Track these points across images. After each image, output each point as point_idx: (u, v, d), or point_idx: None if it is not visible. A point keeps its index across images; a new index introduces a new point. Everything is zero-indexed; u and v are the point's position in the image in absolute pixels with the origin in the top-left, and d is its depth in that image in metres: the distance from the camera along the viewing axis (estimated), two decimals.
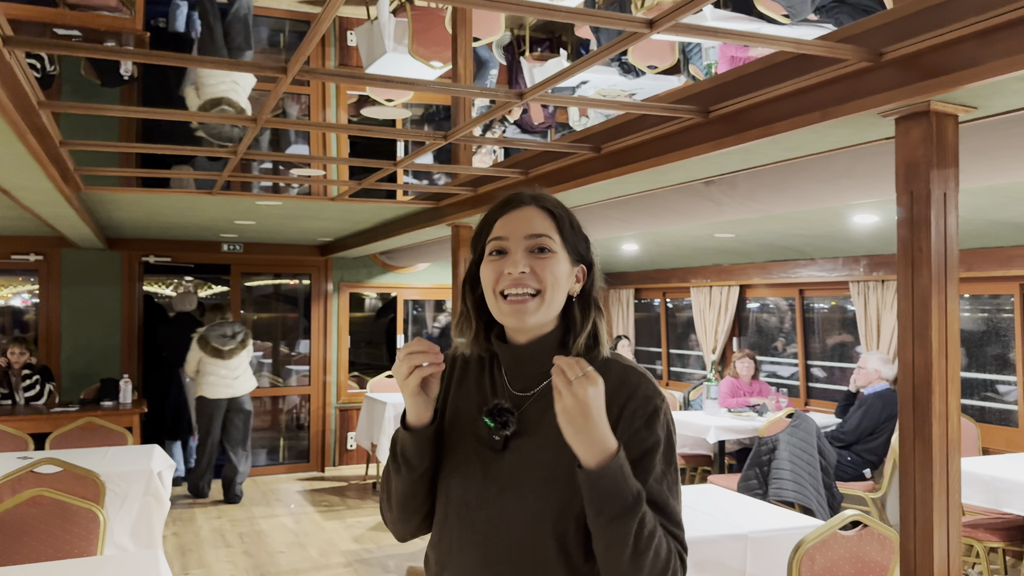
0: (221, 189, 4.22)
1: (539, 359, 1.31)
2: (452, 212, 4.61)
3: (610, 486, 1.16)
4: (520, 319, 1.29)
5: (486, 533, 1.28)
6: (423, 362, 1.25)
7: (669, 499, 1.26)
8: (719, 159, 2.63)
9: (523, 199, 1.36)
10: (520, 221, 1.32)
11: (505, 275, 1.29)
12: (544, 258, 1.30)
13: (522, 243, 1.30)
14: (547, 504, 1.25)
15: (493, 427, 1.30)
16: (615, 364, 1.33)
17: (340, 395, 8.26)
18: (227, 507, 6.59)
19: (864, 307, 6.15)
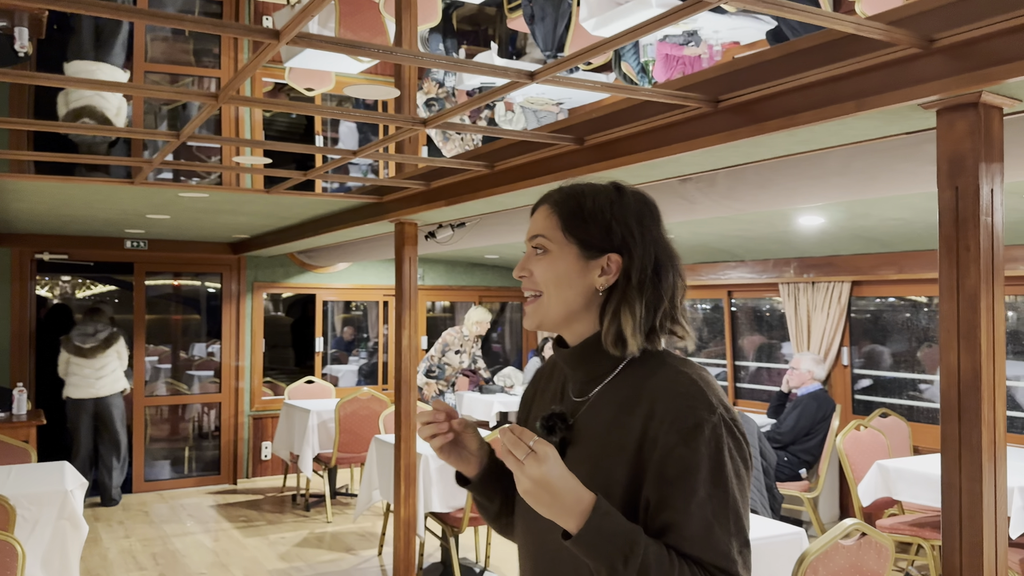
0: (145, 179, 3.82)
1: (587, 363, 1.27)
2: (398, 208, 4.35)
3: (591, 548, 1.08)
4: (529, 322, 1.30)
5: (535, 542, 1.29)
6: (432, 432, 1.29)
7: (714, 528, 1.11)
8: (723, 152, 2.50)
9: (542, 199, 1.33)
10: (530, 224, 1.32)
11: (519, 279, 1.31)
12: (539, 259, 1.28)
13: (528, 246, 1.31)
14: None
15: (545, 434, 1.27)
16: (669, 366, 1.22)
17: (254, 402, 7.80)
18: (136, 525, 6.07)
19: (795, 308, 6.23)
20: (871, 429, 4.90)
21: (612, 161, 2.75)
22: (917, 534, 4.27)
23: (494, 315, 10.06)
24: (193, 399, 8.01)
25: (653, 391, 1.17)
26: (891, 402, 5.91)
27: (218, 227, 6.25)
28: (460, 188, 3.68)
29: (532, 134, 2.78)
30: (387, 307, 8.56)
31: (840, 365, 6.04)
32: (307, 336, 8.93)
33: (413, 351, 4.56)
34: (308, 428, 6.40)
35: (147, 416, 7.46)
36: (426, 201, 4.04)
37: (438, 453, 1.33)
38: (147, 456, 7.38)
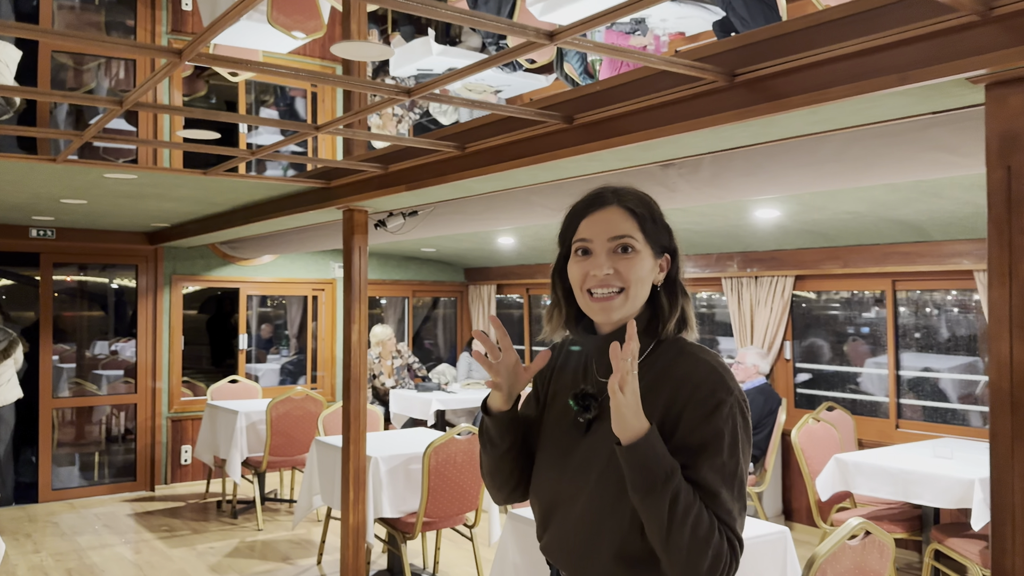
0: (71, 156, 3.43)
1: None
2: (348, 193, 4.08)
3: (641, 461, 1.24)
4: (607, 315, 1.39)
5: (564, 504, 1.40)
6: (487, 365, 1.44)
7: (723, 490, 1.28)
8: (731, 132, 2.36)
9: (606, 198, 1.44)
10: (603, 223, 1.40)
11: (591, 276, 1.38)
12: (628, 258, 1.38)
13: (606, 244, 1.39)
14: (606, 486, 1.34)
15: (576, 411, 1.41)
16: (689, 355, 1.39)
17: (172, 403, 7.32)
18: (45, 538, 5.57)
19: (738, 303, 6.23)
20: (823, 423, 4.91)
21: (604, 142, 2.57)
22: None
23: (426, 310, 9.80)
24: (107, 400, 7.45)
25: (678, 375, 1.35)
26: (833, 395, 5.96)
27: (138, 214, 5.80)
28: (424, 172, 3.45)
29: (518, 109, 2.58)
30: (316, 302, 8.18)
31: (783, 359, 6.07)
32: (224, 333, 8.46)
33: (362, 347, 4.29)
34: (236, 430, 6.01)
35: (54, 419, 6.89)
36: (382, 186, 3.78)
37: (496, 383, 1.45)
38: (54, 463, 6.82)
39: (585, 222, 1.43)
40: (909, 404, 5.58)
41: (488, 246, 7.38)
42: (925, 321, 5.60)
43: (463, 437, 4.30)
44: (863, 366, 6.13)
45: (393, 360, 7.74)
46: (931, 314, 5.62)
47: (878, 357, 6.10)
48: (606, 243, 1.39)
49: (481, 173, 3.13)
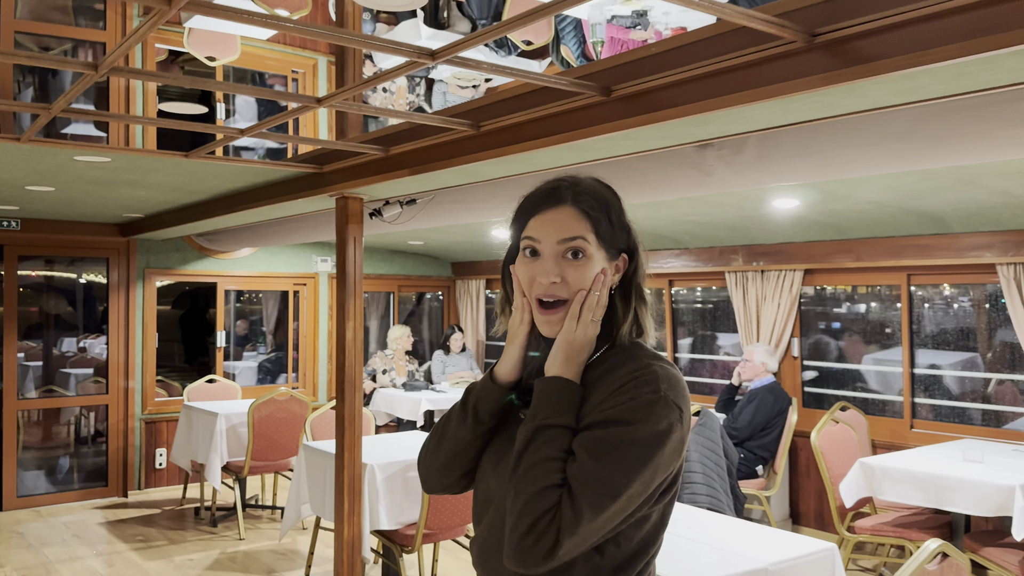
0: (37, 136, 3.07)
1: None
2: (342, 179, 3.76)
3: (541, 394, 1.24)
4: (549, 330, 1.29)
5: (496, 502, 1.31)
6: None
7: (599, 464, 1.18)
8: (799, 104, 2.08)
9: (561, 196, 1.31)
10: (554, 224, 1.29)
11: (537, 282, 1.28)
12: (578, 265, 1.28)
13: (555, 248, 1.28)
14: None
15: (517, 405, 1.34)
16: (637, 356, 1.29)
17: (146, 404, 6.93)
18: (10, 550, 5.18)
19: (743, 298, 5.99)
20: (841, 424, 4.68)
21: (647, 117, 2.29)
22: (902, 535, 4.05)
23: (411, 306, 9.48)
24: (77, 401, 7.04)
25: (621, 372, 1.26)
26: (843, 395, 5.75)
27: (110, 204, 5.42)
28: (431, 154, 3.14)
29: (551, 79, 2.28)
30: (297, 297, 7.83)
31: (790, 356, 5.84)
32: (198, 329, 8.08)
33: (358, 345, 3.98)
34: (215, 433, 5.67)
35: (20, 421, 6.48)
36: (382, 171, 3.47)
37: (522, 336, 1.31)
38: (20, 467, 6.41)
39: (535, 220, 1.31)
40: (921, 403, 5.38)
41: (479, 239, 7.08)
42: (923, 315, 5.40)
43: None
44: (860, 362, 5.94)
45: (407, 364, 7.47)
46: (928, 308, 5.42)
47: (876, 353, 5.91)
48: (555, 246, 1.28)
49: (497, 155, 2.83)
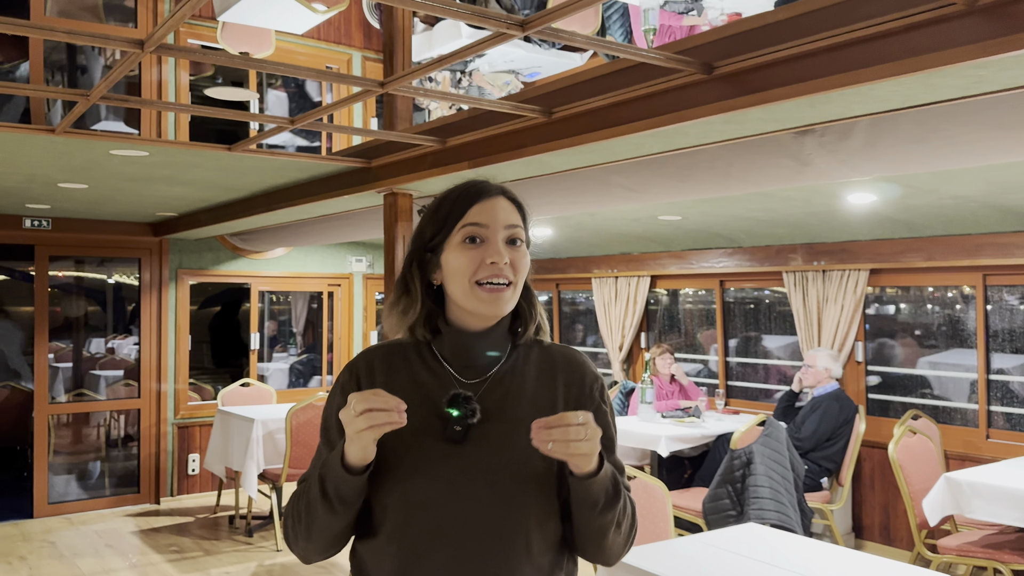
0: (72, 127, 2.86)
1: (489, 346, 1.35)
2: (392, 174, 3.52)
3: (602, 483, 1.25)
4: (499, 307, 1.31)
5: (462, 529, 1.26)
6: (384, 420, 1.16)
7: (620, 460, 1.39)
8: (950, 79, 1.80)
9: (493, 189, 1.36)
10: (498, 211, 1.33)
11: (487, 264, 1.29)
12: (519, 250, 1.33)
13: (501, 232, 1.32)
14: (526, 490, 1.28)
15: (459, 416, 1.27)
16: (556, 346, 1.42)
17: (179, 408, 6.75)
18: (42, 561, 5.00)
19: (803, 300, 5.69)
20: (919, 435, 4.37)
21: (755, 96, 2.02)
22: (993, 557, 3.74)
23: None
24: (108, 406, 6.88)
25: (559, 362, 1.38)
26: (912, 402, 5.43)
27: (144, 201, 5.23)
28: (494, 145, 2.89)
29: (648, 53, 2.02)
30: (332, 298, 7.62)
31: (853, 361, 5.53)
32: (230, 331, 7.91)
33: None
34: (252, 440, 5.46)
35: (51, 425, 6.33)
36: (437, 164, 3.22)
37: (364, 441, 1.19)
38: (51, 473, 6.25)
39: (477, 208, 1.31)
40: (995, 411, 5.05)
41: None
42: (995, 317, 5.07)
43: None
44: (915, 367, 5.62)
45: None
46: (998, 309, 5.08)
47: (932, 356, 5.59)
48: (502, 230, 1.32)
49: (571, 144, 2.58)
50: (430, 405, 1.29)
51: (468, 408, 1.27)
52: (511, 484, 1.26)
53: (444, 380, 1.33)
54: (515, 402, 1.31)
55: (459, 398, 1.28)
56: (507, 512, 1.26)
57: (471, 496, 1.25)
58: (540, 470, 1.27)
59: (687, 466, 5.67)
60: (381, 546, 1.28)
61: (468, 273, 1.28)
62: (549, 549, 1.30)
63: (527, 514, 1.26)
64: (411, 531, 1.25)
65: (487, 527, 1.25)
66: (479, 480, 1.26)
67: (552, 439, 1.16)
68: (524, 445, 1.21)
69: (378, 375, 1.34)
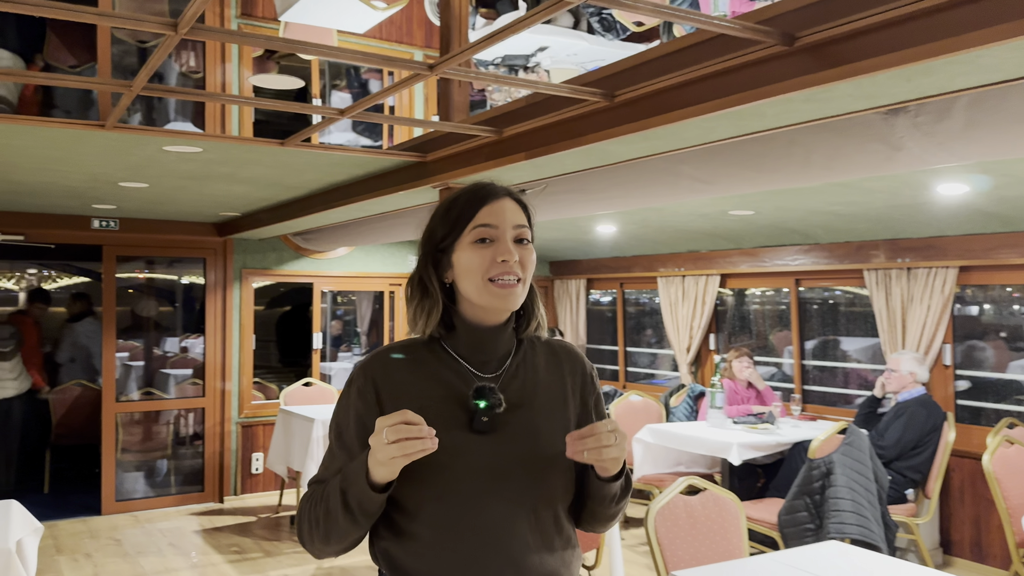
0: (120, 122, 2.81)
1: (502, 342, 1.42)
2: (447, 168, 3.38)
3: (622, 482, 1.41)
4: (512, 302, 1.37)
5: (506, 512, 1.32)
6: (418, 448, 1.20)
7: None
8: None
9: (499, 192, 1.41)
10: (507, 211, 1.39)
11: (498, 262, 1.35)
12: (526, 248, 1.40)
13: (510, 232, 1.38)
14: (553, 472, 1.37)
15: (486, 407, 1.33)
16: (552, 341, 1.53)
17: (242, 407, 6.77)
18: (106, 558, 5.04)
19: (885, 299, 5.35)
20: (1017, 445, 4.03)
21: (844, 69, 1.80)
22: None
23: None
24: (173, 404, 6.95)
25: (561, 354, 1.51)
26: (1003, 408, 5.04)
27: (205, 201, 5.22)
28: (553, 133, 2.72)
29: (726, 23, 1.82)
30: (393, 297, 7.56)
31: (941, 365, 5.17)
32: (295, 330, 7.92)
33: None
34: (312, 440, 5.41)
35: (119, 423, 6.41)
36: (493, 156, 3.07)
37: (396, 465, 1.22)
38: (118, 470, 6.34)
39: (487, 209, 1.39)
40: None
41: (582, 235, 6.64)
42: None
43: None
44: (1006, 371, 5.22)
45: None
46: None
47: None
48: (511, 230, 1.38)
49: (635, 130, 2.39)
50: (454, 399, 1.35)
51: (495, 398, 1.34)
52: (540, 466, 1.36)
53: (463, 375, 1.39)
54: (531, 391, 1.41)
55: (485, 390, 1.34)
56: (540, 493, 1.35)
57: (506, 482, 1.33)
58: (560, 451, 1.33)
59: (760, 474, 5.39)
60: (424, 543, 1.33)
61: (481, 271, 1.35)
62: (569, 521, 1.43)
63: (554, 492, 1.37)
64: (454, 523, 1.32)
65: (524, 510, 1.34)
66: (512, 465, 1.34)
67: (587, 447, 1.26)
68: (546, 429, 1.38)
69: (396, 376, 1.38)
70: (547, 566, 1.35)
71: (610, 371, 7.88)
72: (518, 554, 1.32)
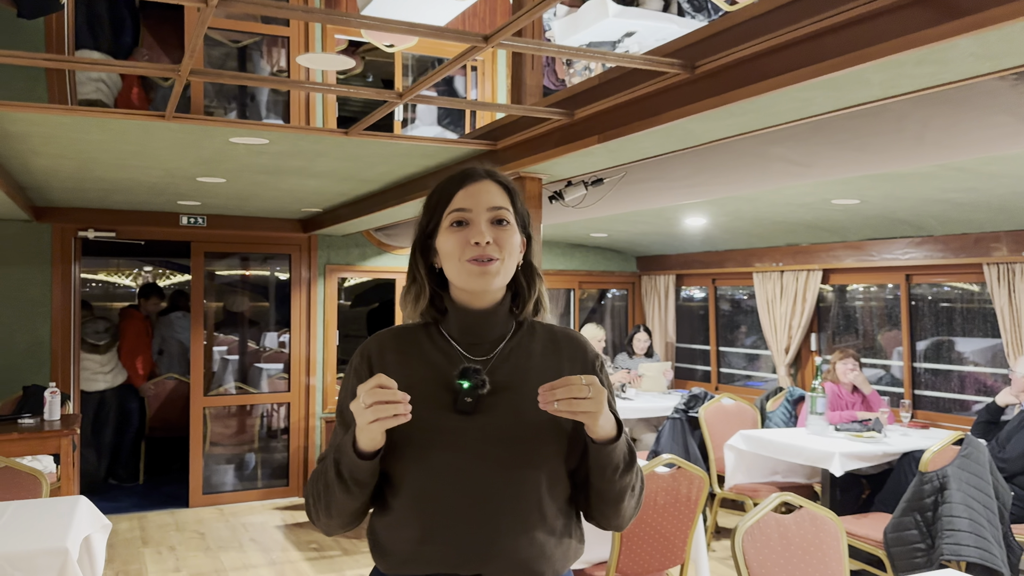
0: (178, 112, 2.73)
1: (494, 324, 1.43)
2: (517, 156, 3.18)
3: (621, 448, 1.34)
4: (487, 281, 1.37)
5: (475, 494, 1.32)
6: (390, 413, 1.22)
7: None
8: None
9: (480, 173, 1.43)
10: (482, 194, 1.40)
11: (471, 245, 1.37)
12: (504, 229, 1.40)
13: (484, 215, 1.39)
14: (536, 457, 1.35)
15: (469, 388, 1.34)
16: (556, 327, 1.50)
17: (326, 403, 6.77)
18: (189, 553, 5.09)
19: (1008, 297, 4.84)
20: None
21: (965, 21, 1.51)
22: None
23: (593, 304, 8.86)
24: (258, 399, 7.02)
25: (562, 340, 1.47)
26: None
27: (284, 197, 5.20)
28: (627, 113, 2.48)
29: None
30: None
31: None
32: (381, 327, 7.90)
33: None
34: None
35: (207, 416, 6.51)
36: (564, 141, 2.85)
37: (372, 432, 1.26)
38: (206, 463, 6.43)
39: (462, 193, 1.40)
40: None
41: (669, 228, 6.33)
42: None
43: (667, 472, 3.32)
44: None
45: None
46: None
47: None
48: (485, 212, 1.39)
49: (719, 104, 2.12)
50: (441, 380, 1.37)
51: (478, 379, 1.34)
52: (522, 451, 1.33)
53: (453, 357, 1.40)
54: (522, 376, 1.39)
55: (469, 371, 1.35)
56: (520, 478, 1.33)
57: (485, 464, 1.32)
58: (549, 438, 1.34)
59: (864, 485, 4.97)
60: (400, 517, 1.35)
61: (457, 254, 1.37)
62: (560, 514, 1.37)
63: (538, 480, 1.34)
64: (429, 500, 1.32)
65: (501, 493, 1.32)
66: (491, 448, 1.33)
67: (557, 398, 1.23)
68: (533, 414, 1.32)
69: (389, 356, 1.42)
70: (522, 553, 1.32)
71: (701, 372, 7.52)
72: (488, 538, 1.31)
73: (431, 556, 1.32)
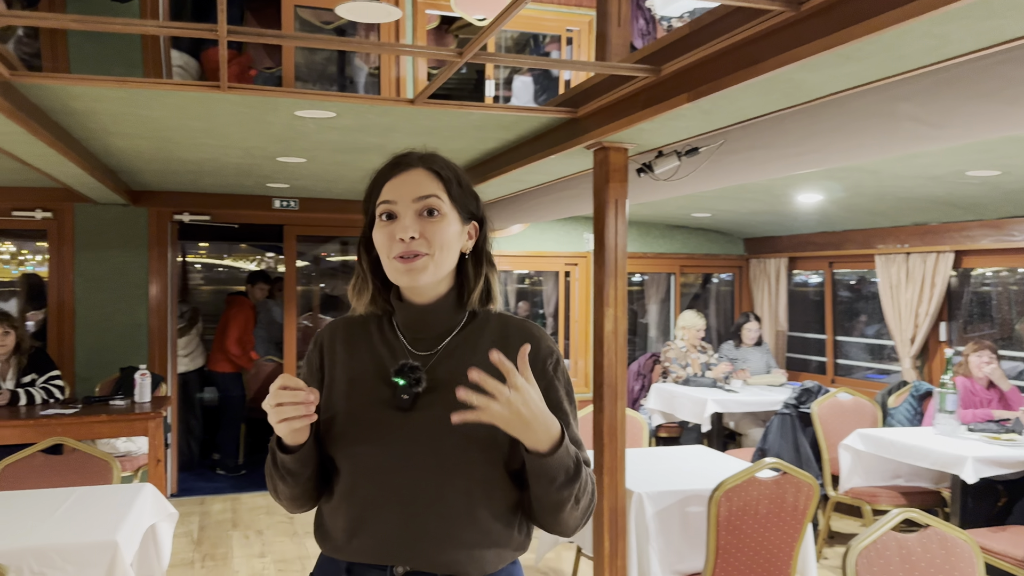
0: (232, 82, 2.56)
1: (439, 319, 1.37)
2: (600, 123, 2.87)
3: (560, 461, 1.23)
4: (413, 278, 1.32)
5: (406, 493, 1.29)
6: (294, 413, 1.21)
7: (578, 435, 1.35)
8: None
9: (411, 161, 1.37)
10: (408, 184, 1.34)
11: (397, 241, 1.31)
12: (434, 221, 1.32)
13: (411, 206, 1.33)
14: (469, 459, 1.29)
15: (404, 385, 1.32)
16: (511, 319, 1.41)
17: None
18: (276, 538, 5.04)
19: None
20: None
21: None
22: None
23: (696, 289, 8.40)
24: None
25: (514, 335, 1.37)
26: None
27: (368, 178, 5.04)
28: (721, 65, 2.12)
29: None
30: (568, 278, 7.12)
31: None
32: None
33: (620, 339, 3.08)
34: None
35: None
36: (650, 102, 2.51)
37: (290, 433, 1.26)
38: None
39: (389, 184, 1.35)
40: None
41: (781, 207, 5.83)
42: None
43: (769, 477, 2.94)
44: None
45: (700, 354, 6.46)
46: None
47: None
48: (411, 204, 1.32)
49: (832, 45, 1.75)
50: (382, 374, 1.34)
51: (413, 377, 1.31)
52: (454, 451, 1.28)
53: (397, 351, 1.37)
54: (464, 373, 1.26)
55: (406, 368, 1.32)
56: (449, 478, 1.28)
57: (415, 462, 1.29)
58: (484, 438, 1.27)
59: (1001, 492, 4.41)
60: (336, 506, 1.34)
61: (386, 250, 1.32)
62: (497, 517, 1.31)
63: (469, 480, 1.28)
64: (359, 493, 1.31)
65: (430, 492, 1.28)
66: (423, 446, 1.29)
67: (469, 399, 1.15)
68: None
69: (339, 346, 1.41)
70: (446, 556, 1.27)
71: (816, 363, 6.97)
72: (413, 537, 1.28)
73: (359, 547, 1.30)
